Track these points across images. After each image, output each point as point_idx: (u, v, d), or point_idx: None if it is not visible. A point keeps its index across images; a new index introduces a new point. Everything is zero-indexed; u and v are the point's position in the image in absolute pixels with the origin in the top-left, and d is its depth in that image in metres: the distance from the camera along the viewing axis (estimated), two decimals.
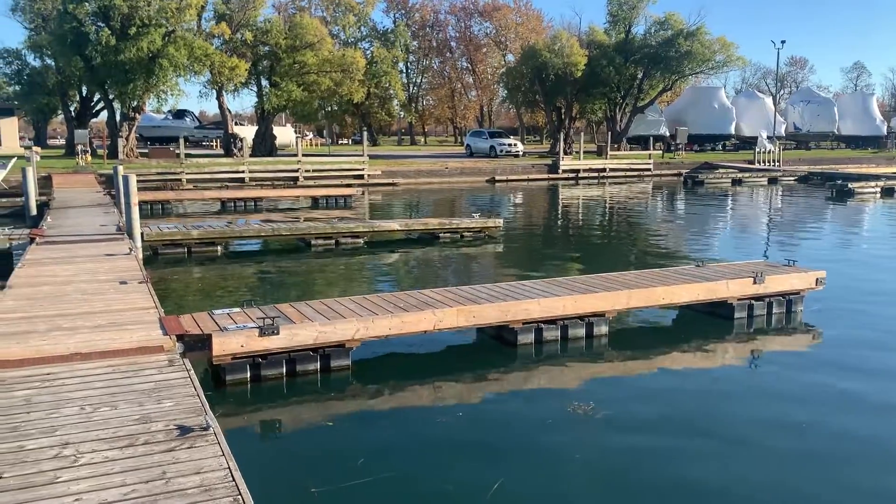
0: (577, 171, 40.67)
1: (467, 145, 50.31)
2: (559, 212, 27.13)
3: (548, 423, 6.55)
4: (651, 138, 47.42)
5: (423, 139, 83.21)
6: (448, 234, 17.54)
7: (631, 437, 6.27)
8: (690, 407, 7.04)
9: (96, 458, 4.40)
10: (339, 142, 70.99)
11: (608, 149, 43.66)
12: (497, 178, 38.29)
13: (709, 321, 10.00)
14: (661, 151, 49.01)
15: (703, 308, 10.14)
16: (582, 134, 47.37)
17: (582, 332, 9.00)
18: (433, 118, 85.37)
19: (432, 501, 5.21)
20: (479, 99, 77.64)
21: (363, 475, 5.50)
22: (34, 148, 33.24)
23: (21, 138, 51.11)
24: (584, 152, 43.50)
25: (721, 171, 41.54)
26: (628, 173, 42.09)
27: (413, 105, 73.79)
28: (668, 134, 54.96)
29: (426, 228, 17.68)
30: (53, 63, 41.84)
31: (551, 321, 8.82)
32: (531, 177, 39.49)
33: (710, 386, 7.71)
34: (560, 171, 40.06)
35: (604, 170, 41.50)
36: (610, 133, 48.86)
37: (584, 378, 7.94)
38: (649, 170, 42.63)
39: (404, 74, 70.61)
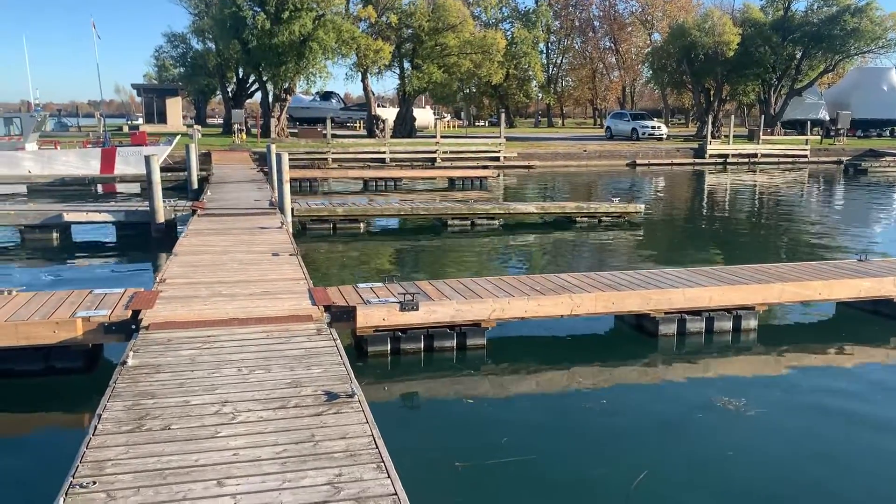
0: (726, 156, 38.62)
1: (607, 127, 49.10)
2: (705, 198, 25.89)
3: (697, 417, 6.29)
4: (808, 123, 44.16)
5: (560, 121, 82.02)
6: (585, 219, 17.22)
7: (787, 440, 5.89)
8: (852, 412, 6.51)
9: (252, 417, 4.69)
10: (476, 123, 71.32)
11: (760, 133, 41.14)
12: (638, 161, 37.11)
13: (871, 320, 9.23)
14: (819, 137, 45.59)
15: (865, 306, 9.37)
16: (732, 117, 44.91)
17: (728, 325, 8.56)
18: (572, 100, 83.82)
19: (577, 486, 5.13)
20: (622, 80, 75.38)
21: (507, 454, 5.50)
22: (195, 126, 35.79)
23: (183, 117, 55.16)
24: (734, 136, 41.26)
25: (888, 158, 38.06)
26: (782, 160, 39.47)
27: (552, 86, 72.76)
28: (827, 118, 50.98)
29: (563, 212, 17.43)
30: (214, 46, 44.71)
31: (695, 312, 8.45)
32: (675, 161, 37.94)
33: (873, 390, 7.11)
34: (707, 155, 38.17)
35: (755, 155, 39.15)
36: (763, 116, 45.99)
37: (731, 373, 7.55)
38: (805, 156, 39.76)
39: (544, 55, 69.67)
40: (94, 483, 3.79)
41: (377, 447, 4.27)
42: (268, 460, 4.10)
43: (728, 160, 38.38)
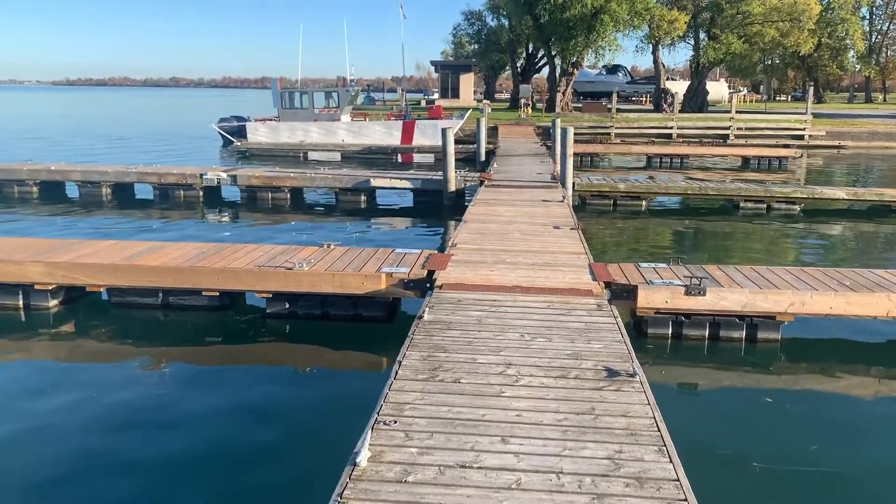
0: None
1: None
2: None
3: None
4: None
5: (881, 96, 71.70)
6: None
7: None
8: None
9: (533, 382, 4.84)
10: (777, 98, 65.20)
11: None
12: None
13: None
14: None
15: None
16: None
17: None
18: None
19: None
20: None
21: (817, 464, 5.01)
22: (485, 101, 37.44)
23: (474, 92, 57.92)
24: None
25: None
26: None
27: (873, 57, 63.76)
28: None
29: (880, 199, 15.28)
30: (507, 23, 46.18)
31: None
32: None
33: None
34: None
35: None
36: None
37: None
38: None
39: (867, 21, 61.21)
40: (395, 422, 4.19)
41: (659, 430, 4.15)
42: (549, 426, 4.20)
43: None
